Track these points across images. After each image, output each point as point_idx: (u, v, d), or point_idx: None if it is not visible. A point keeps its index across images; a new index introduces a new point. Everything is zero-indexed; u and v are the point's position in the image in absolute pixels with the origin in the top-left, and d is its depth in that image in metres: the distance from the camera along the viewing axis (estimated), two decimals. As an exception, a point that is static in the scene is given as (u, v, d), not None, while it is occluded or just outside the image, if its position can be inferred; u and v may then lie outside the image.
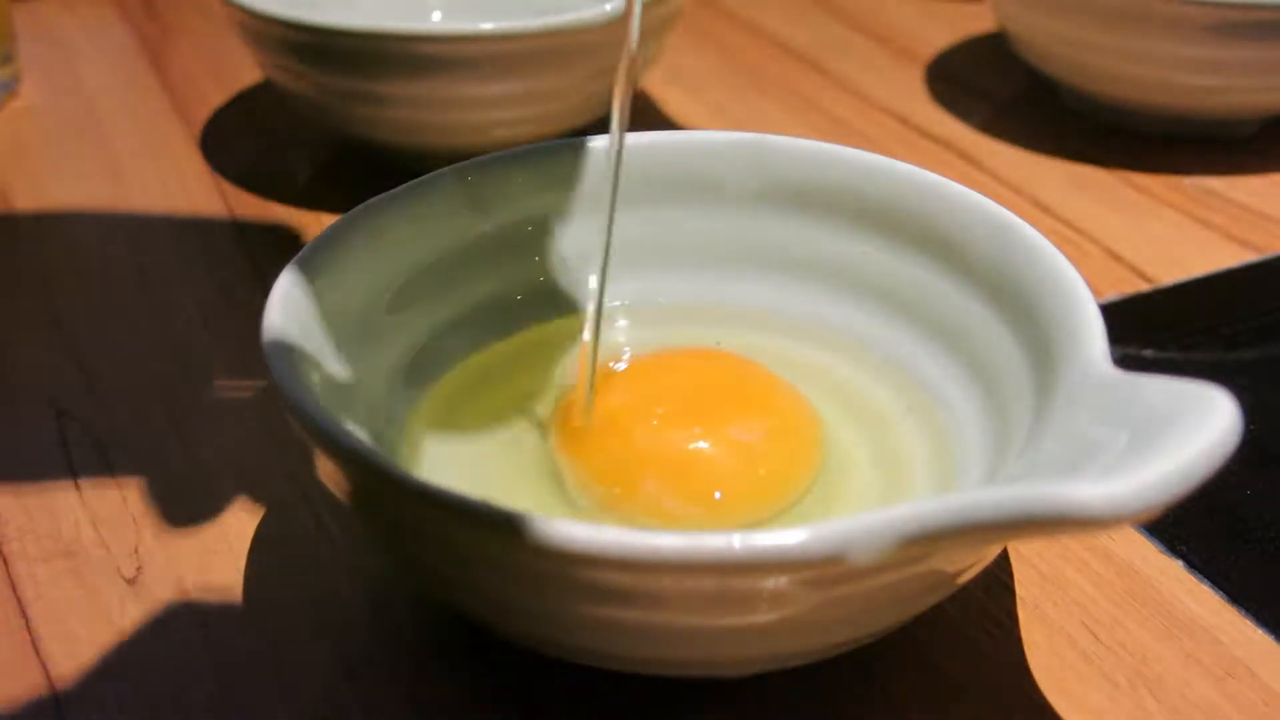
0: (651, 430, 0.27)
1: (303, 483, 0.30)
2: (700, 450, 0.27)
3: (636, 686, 0.25)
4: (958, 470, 0.26)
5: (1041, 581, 0.27)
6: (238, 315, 0.36)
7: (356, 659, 0.25)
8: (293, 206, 0.42)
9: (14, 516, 0.29)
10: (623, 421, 0.27)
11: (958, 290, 0.28)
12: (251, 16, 0.40)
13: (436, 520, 0.21)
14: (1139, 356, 0.35)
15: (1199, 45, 0.42)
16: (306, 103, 0.42)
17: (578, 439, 0.27)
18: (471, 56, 0.38)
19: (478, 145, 0.35)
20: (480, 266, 0.30)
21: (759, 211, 0.31)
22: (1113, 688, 0.25)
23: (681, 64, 0.52)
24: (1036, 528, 0.19)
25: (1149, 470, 0.18)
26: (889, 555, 0.19)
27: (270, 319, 0.24)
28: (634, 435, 0.27)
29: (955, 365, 0.28)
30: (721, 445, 0.27)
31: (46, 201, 0.43)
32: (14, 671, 0.25)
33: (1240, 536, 0.29)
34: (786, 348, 0.31)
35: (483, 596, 0.22)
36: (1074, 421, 0.22)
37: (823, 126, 0.48)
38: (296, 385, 0.23)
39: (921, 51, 0.55)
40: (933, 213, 0.29)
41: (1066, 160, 0.45)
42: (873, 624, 0.22)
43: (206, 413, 0.32)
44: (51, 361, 0.34)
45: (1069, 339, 0.24)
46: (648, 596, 0.20)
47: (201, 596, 0.27)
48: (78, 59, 0.54)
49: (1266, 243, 0.40)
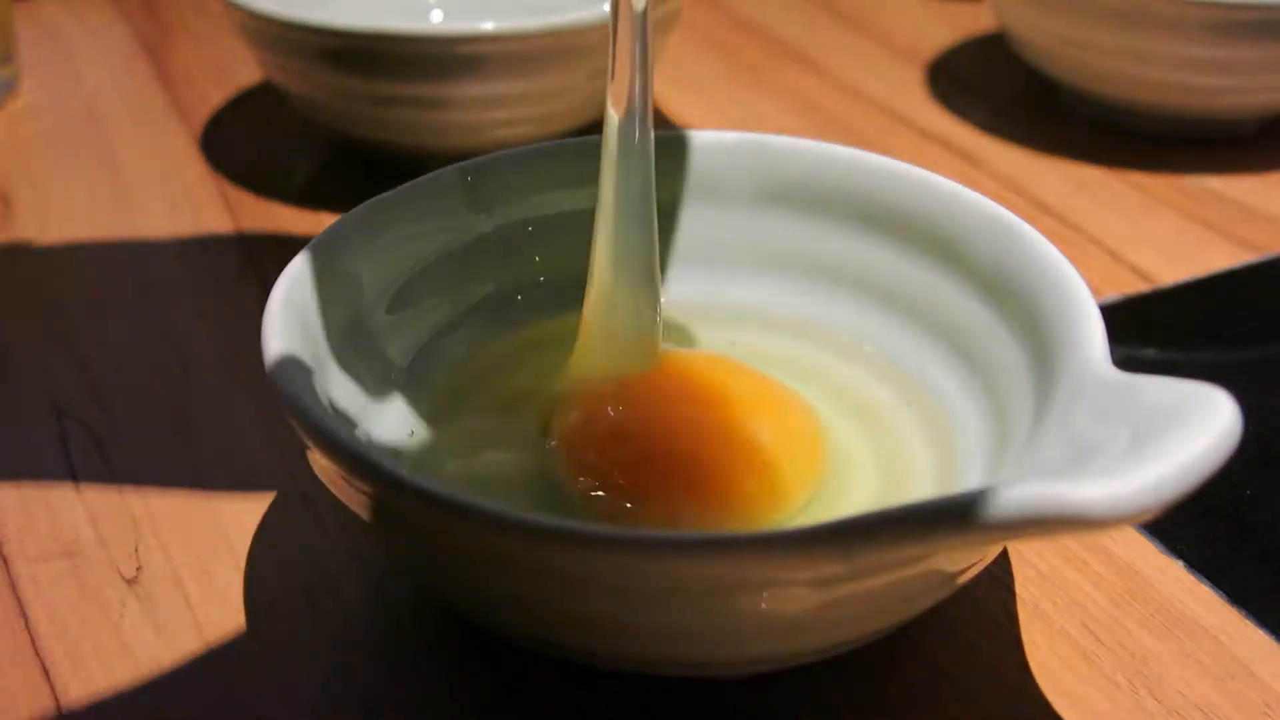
0: (653, 434, 0.27)
1: (303, 483, 0.30)
2: (703, 454, 0.27)
3: (636, 686, 0.25)
4: (958, 470, 0.26)
5: (1041, 581, 0.27)
6: (238, 315, 0.36)
7: (356, 659, 0.25)
8: (293, 206, 0.42)
9: (14, 516, 0.29)
10: (624, 424, 0.27)
11: (958, 290, 0.28)
12: (251, 16, 0.40)
13: (436, 521, 0.21)
14: (1139, 356, 0.35)
15: (1199, 45, 0.42)
16: (306, 103, 0.42)
17: (579, 441, 0.27)
18: (471, 56, 0.38)
19: (478, 145, 0.35)
20: (480, 266, 0.30)
21: (759, 211, 0.31)
22: (1113, 688, 0.25)
23: (681, 64, 0.52)
24: (1036, 528, 0.19)
25: (1149, 470, 0.18)
26: (889, 555, 0.19)
27: (270, 319, 0.24)
28: (636, 439, 0.27)
29: (955, 365, 0.28)
30: (725, 451, 0.27)
31: (46, 201, 0.43)
32: (14, 671, 0.25)
33: (1240, 536, 0.29)
34: (786, 346, 0.31)
35: (482, 596, 0.22)
36: (1074, 421, 0.22)
37: (823, 126, 0.48)
38: (296, 385, 0.23)
39: (921, 51, 0.55)
40: (933, 213, 0.29)
41: (1066, 160, 0.45)
42: (873, 624, 0.22)
43: (206, 412, 0.32)
44: (51, 361, 0.34)
45: (1069, 339, 0.24)
46: (647, 596, 0.20)
47: (201, 596, 0.27)
48: (78, 59, 0.54)
49: (1266, 243, 0.40)
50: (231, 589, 0.27)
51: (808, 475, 0.27)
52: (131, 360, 0.34)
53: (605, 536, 0.19)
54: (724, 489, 0.26)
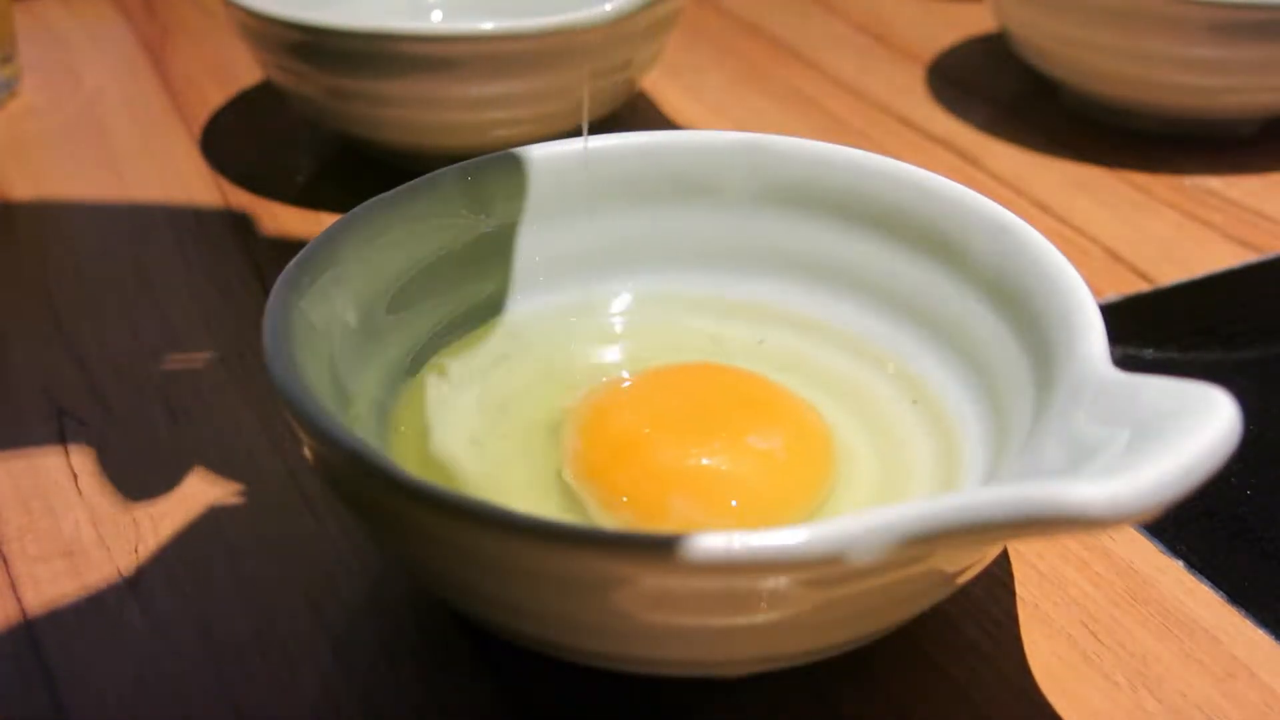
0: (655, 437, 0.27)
1: (303, 482, 0.30)
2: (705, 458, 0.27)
3: (636, 686, 0.25)
4: (958, 469, 0.26)
5: (1041, 581, 0.27)
6: (238, 315, 0.36)
7: (356, 658, 0.25)
8: (293, 206, 0.42)
9: (14, 516, 0.29)
10: (630, 428, 0.27)
11: (958, 290, 0.28)
12: (252, 16, 0.40)
13: (435, 520, 0.21)
14: (1139, 356, 0.35)
15: (1199, 45, 0.42)
16: (306, 103, 0.42)
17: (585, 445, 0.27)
18: (471, 56, 0.38)
19: (478, 145, 0.35)
20: (480, 266, 0.30)
21: (759, 211, 0.31)
22: (1113, 688, 0.25)
23: (681, 64, 0.52)
24: (1036, 528, 0.19)
25: (1149, 470, 0.18)
26: (889, 555, 0.19)
27: (270, 319, 0.24)
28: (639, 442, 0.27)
29: (955, 364, 0.28)
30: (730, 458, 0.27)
31: (47, 201, 0.43)
32: (14, 671, 0.25)
33: (1240, 536, 0.29)
34: (787, 345, 0.31)
35: (482, 596, 0.22)
36: (1074, 421, 0.22)
37: (823, 126, 0.48)
38: (296, 385, 0.23)
39: (921, 51, 0.55)
40: (933, 213, 0.29)
41: (1066, 160, 0.45)
42: (873, 624, 0.22)
43: (207, 412, 0.32)
44: (51, 361, 0.34)
45: (1069, 339, 0.24)
46: (647, 595, 0.20)
47: (201, 596, 0.27)
48: (78, 59, 0.54)
49: (1266, 243, 0.40)
50: (231, 589, 0.27)
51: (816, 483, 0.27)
52: (131, 360, 0.34)
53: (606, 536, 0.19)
54: (733, 494, 0.26)
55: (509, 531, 0.20)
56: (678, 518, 0.25)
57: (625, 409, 0.28)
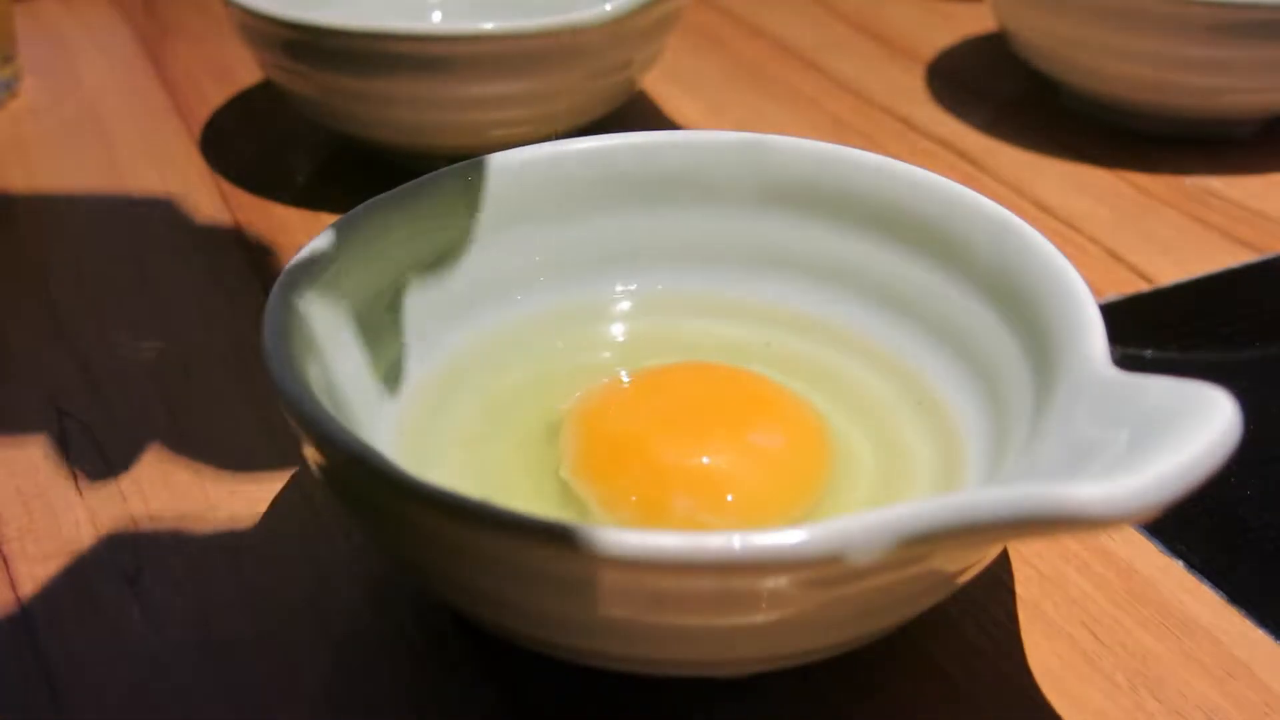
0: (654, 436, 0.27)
1: (302, 482, 0.30)
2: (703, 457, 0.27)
3: (636, 686, 0.25)
4: (959, 469, 0.26)
5: (1041, 581, 0.27)
6: (238, 315, 0.36)
7: (356, 659, 0.25)
8: (293, 206, 0.42)
9: (14, 516, 0.29)
10: (629, 427, 0.27)
11: (958, 290, 0.28)
12: (251, 16, 0.40)
13: (435, 520, 0.21)
14: (1139, 356, 0.35)
15: (1199, 45, 0.42)
16: (306, 103, 0.42)
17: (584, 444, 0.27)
18: (471, 56, 0.38)
19: (478, 145, 0.35)
20: (480, 266, 0.30)
21: (759, 211, 0.31)
22: (1113, 688, 0.25)
23: (681, 64, 0.52)
24: (1036, 528, 0.19)
25: (1149, 470, 0.18)
26: (889, 555, 0.19)
27: (270, 319, 0.24)
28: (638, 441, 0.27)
29: (955, 364, 0.28)
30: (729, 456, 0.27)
31: (47, 201, 0.43)
32: (13, 671, 0.25)
33: (1240, 536, 0.29)
34: (788, 345, 0.31)
35: (482, 596, 0.22)
36: (1074, 421, 0.22)
37: (823, 126, 0.48)
38: (296, 385, 0.23)
39: (921, 51, 0.55)
40: (933, 213, 0.29)
41: (1066, 160, 0.45)
42: (873, 624, 0.22)
43: (206, 413, 0.32)
44: (51, 361, 0.34)
45: (1069, 339, 0.24)
46: (647, 596, 0.20)
47: (201, 596, 0.27)
48: (78, 59, 0.54)
49: (1266, 243, 0.40)
50: (231, 589, 0.27)
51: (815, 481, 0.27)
52: (131, 360, 0.34)
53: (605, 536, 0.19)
54: (732, 492, 0.26)
55: (508, 531, 0.20)
56: (677, 517, 0.25)
57: (624, 408, 0.28)
